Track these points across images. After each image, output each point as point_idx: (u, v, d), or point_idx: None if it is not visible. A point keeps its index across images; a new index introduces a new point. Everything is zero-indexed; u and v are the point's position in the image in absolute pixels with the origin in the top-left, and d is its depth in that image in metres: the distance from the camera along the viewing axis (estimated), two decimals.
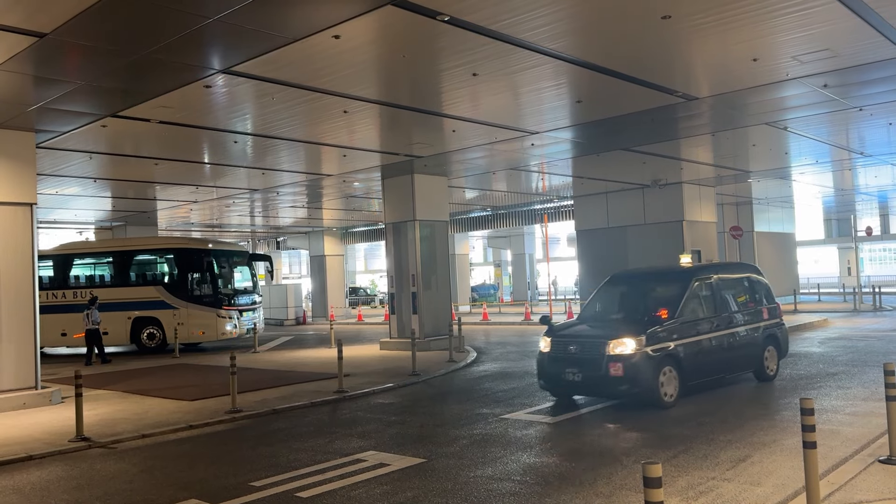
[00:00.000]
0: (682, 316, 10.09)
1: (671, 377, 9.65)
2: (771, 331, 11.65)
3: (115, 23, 7.62)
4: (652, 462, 3.61)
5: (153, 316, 20.97)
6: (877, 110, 13.97)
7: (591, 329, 10.51)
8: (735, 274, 11.97)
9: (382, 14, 7.78)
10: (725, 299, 11.12)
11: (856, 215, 37.49)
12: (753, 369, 11.40)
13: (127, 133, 13.13)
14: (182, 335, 20.66)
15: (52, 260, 22.27)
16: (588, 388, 9.86)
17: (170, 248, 22.12)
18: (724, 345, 10.62)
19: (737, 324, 10.98)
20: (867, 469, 6.20)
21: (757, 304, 11.66)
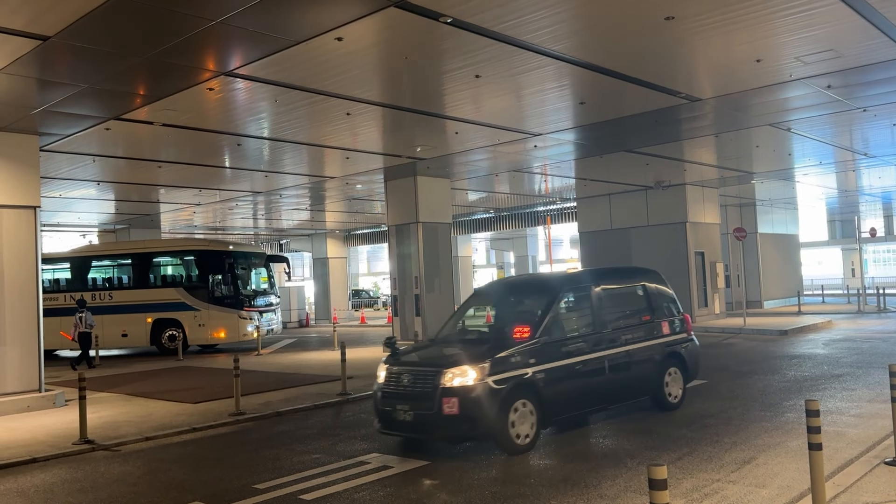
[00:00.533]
0: (547, 335, 8.19)
1: (525, 413, 7.71)
2: (674, 348, 9.74)
3: (119, 26, 7.64)
4: (657, 464, 3.60)
5: (174, 318, 20.95)
6: (881, 111, 13.94)
7: (433, 354, 8.62)
8: (625, 282, 10.13)
9: (385, 16, 7.79)
10: (610, 312, 9.25)
11: (859, 216, 37.40)
12: (651, 395, 9.48)
13: (130, 136, 13.16)
14: (203, 336, 20.79)
15: (69, 262, 22.28)
16: (420, 429, 7.77)
17: (190, 250, 22.14)
18: (607, 368, 8.67)
19: (625, 342, 9.08)
20: (873, 471, 6.17)
21: (655, 316, 9.70)
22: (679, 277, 23.24)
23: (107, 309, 21.00)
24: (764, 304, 29.51)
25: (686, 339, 10.05)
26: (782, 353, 15.51)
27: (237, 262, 21.41)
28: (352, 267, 47.80)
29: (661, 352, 9.53)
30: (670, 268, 23.33)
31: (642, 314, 9.67)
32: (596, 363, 8.57)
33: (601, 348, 8.69)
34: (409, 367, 8.17)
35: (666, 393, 9.52)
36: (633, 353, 9.15)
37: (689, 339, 10.13)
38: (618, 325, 9.22)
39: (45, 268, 22.46)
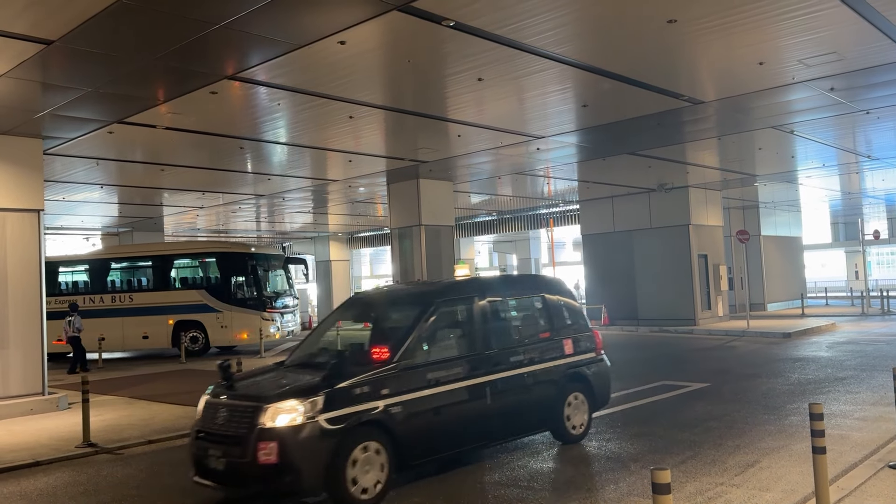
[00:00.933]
0: (410, 357, 6.73)
1: (372, 459, 6.18)
2: (578, 370, 8.30)
3: (122, 30, 7.65)
4: (660, 468, 3.59)
5: (196, 319, 20.94)
6: (884, 113, 13.92)
7: (264, 384, 6.93)
8: (519, 293, 8.72)
9: (388, 20, 7.80)
10: (498, 329, 7.87)
11: (863, 219, 37.32)
12: (548, 427, 8.05)
13: (133, 139, 13.18)
14: (225, 338, 20.86)
15: (89, 264, 22.33)
16: (233, 480, 6.22)
17: (212, 252, 22.20)
18: (489, 396, 7.18)
19: (515, 364, 7.61)
20: (877, 474, 6.16)
21: (556, 333, 8.28)
22: (682, 280, 23.24)
23: (128, 311, 21.11)
24: (767, 306, 29.44)
25: (594, 359, 8.61)
26: (786, 355, 15.48)
27: (259, 264, 21.42)
28: (354, 270, 47.80)
29: (562, 374, 8.09)
30: (673, 270, 23.40)
31: (539, 330, 8.30)
32: (474, 391, 7.09)
33: (482, 373, 7.22)
34: (228, 401, 6.50)
35: (566, 423, 8.05)
36: (525, 378, 7.69)
37: (598, 358, 8.70)
38: (507, 343, 7.76)
39: (64, 270, 22.59)
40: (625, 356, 16.95)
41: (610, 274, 25.31)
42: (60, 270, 22.53)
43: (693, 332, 21.61)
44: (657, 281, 23.90)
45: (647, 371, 13.97)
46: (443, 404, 6.83)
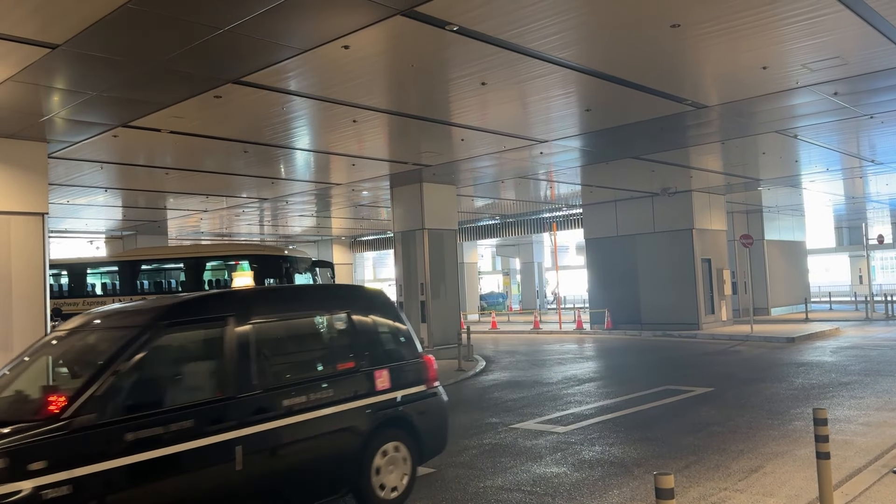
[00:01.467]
0: (94, 410, 4.58)
1: None
2: (397, 411, 6.36)
3: (127, 34, 7.68)
4: (664, 473, 3.58)
5: None
6: (888, 118, 13.91)
7: None
8: (306, 311, 6.43)
9: (392, 24, 7.81)
10: (263, 362, 5.63)
11: (867, 223, 37.25)
12: (348, 488, 5.98)
13: (138, 143, 13.22)
14: None
15: (118, 266, 22.35)
16: None
17: (246, 255, 22.07)
18: (237, 461, 5.10)
19: (287, 409, 5.49)
20: (881, 480, 6.14)
21: (364, 362, 6.25)
22: (685, 284, 23.22)
23: None
24: (771, 311, 29.40)
25: (422, 394, 6.70)
26: (789, 360, 15.44)
27: (293, 267, 21.34)
28: (357, 273, 47.86)
29: (370, 418, 6.06)
30: (677, 275, 23.38)
31: (338, 360, 6.29)
32: (212, 454, 4.99)
33: (231, 426, 5.12)
34: None
35: (374, 484, 6.01)
36: (306, 426, 5.57)
37: (429, 393, 6.81)
38: (279, 381, 5.68)
39: (92, 272, 22.64)
40: (628, 360, 16.93)
41: (613, 278, 25.30)
42: (89, 272, 22.63)
43: (696, 337, 21.58)
44: (660, 285, 23.88)
45: (650, 375, 13.95)
46: (146, 480, 4.64)
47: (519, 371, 15.64)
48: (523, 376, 14.72)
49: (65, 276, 22.64)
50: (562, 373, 14.93)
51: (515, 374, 15.06)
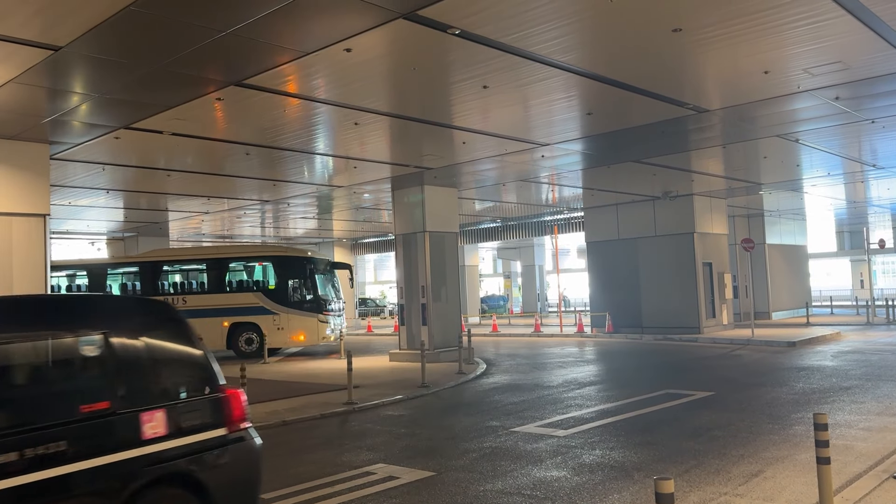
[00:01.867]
0: None
1: None
2: (175, 465, 4.72)
3: (129, 37, 7.70)
4: (664, 477, 3.58)
5: (252, 321, 21.34)
6: (889, 122, 13.91)
7: None
8: (41, 329, 4.54)
9: (394, 28, 7.83)
10: None
11: (868, 227, 37.24)
12: None
13: (140, 145, 13.25)
14: (282, 340, 21.31)
15: (139, 266, 22.50)
16: None
17: (269, 256, 22.69)
18: None
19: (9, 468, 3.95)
20: (881, 485, 6.13)
21: (125, 402, 4.62)
22: (687, 288, 23.21)
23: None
24: (772, 315, 29.38)
25: (220, 440, 5.06)
26: (790, 364, 15.43)
27: (315, 268, 21.85)
28: (358, 275, 47.92)
29: (130, 479, 4.47)
30: (678, 278, 23.37)
31: (84, 399, 4.52)
32: None
33: None
34: None
35: None
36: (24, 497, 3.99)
37: (232, 438, 5.14)
38: None
39: (112, 272, 22.72)
40: (629, 364, 16.92)
41: (614, 281, 25.29)
42: (109, 273, 22.69)
43: (697, 341, 21.56)
44: (662, 289, 23.87)
45: (651, 379, 13.94)
46: None
47: (519, 374, 15.64)
48: (524, 379, 14.71)
49: (83, 277, 22.63)
50: (562, 376, 14.93)
51: (516, 378, 15.06)
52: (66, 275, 23.03)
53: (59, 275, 22.74)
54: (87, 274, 22.60)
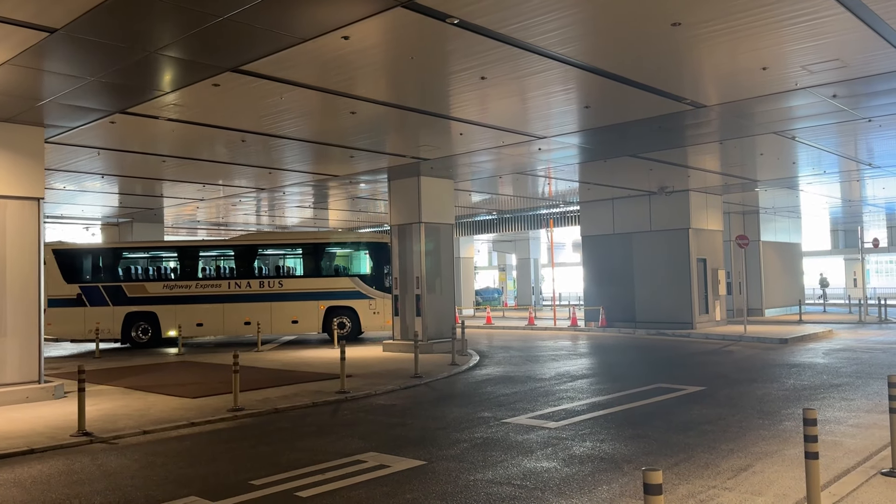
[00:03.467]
0: None
1: None
2: None
3: (126, 20, 7.65)
4: (652, 469, 3.60)
5: (348, 305, 21.90)
6: (886, 122, 13.93)
7: None
8: None
9: (392, 16, 7.80)
10: None
11: (863, 227, 37.35)
12: None
13: (135, 130, 13.19)
14: (377, 324, 21.89)
15: (234, 250, 22.57)
16: None
17: (366, 242, 23.05)
18: None
19: None
20: (869, 481, 6.17)
21: None
22: (681, 284, 23.26)
23: (276, 296, 21.80)
24: (765, 311, 29.47)
25: None
26: (782, 361, 15.50)
27: None
28: None
29: None
30: (672, 274, 23.42)
31: None
32: None
33: None
34: None
35: None
36: None
37: None
38: None
39: (205, 254, 22.77)
40: (621, 358, 16.97)
41: (609, 276, 25.34)
42: (201, 255, 22.77)
43: (690, 336, 21.63)
44: (656, 284, 23.93)
45: (643, 373, 13.99)
46: None
47: (512, 366, 15.67)
48: (516, 371, 14.74)
49: (174, 260, 22.63)
50: (555, 369, 14.97)
51: (509, 370, 15.09)
52: (157, 256, 23.12)
53: (149, 256, 22.82)
54: (178, 255, 22.63)
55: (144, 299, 21.74)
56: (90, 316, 21.53)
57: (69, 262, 21.98)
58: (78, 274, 21.99)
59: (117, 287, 21.79)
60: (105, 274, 22.13)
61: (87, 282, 21.90)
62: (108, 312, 21.64)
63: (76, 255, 22.33)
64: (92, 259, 22.49)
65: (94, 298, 21.68)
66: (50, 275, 21.42)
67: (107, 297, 21.69)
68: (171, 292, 21.77)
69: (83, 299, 21.63)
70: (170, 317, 21.54)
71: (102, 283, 21.90)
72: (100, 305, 21.64)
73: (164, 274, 22.30)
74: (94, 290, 21.79)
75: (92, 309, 21.59)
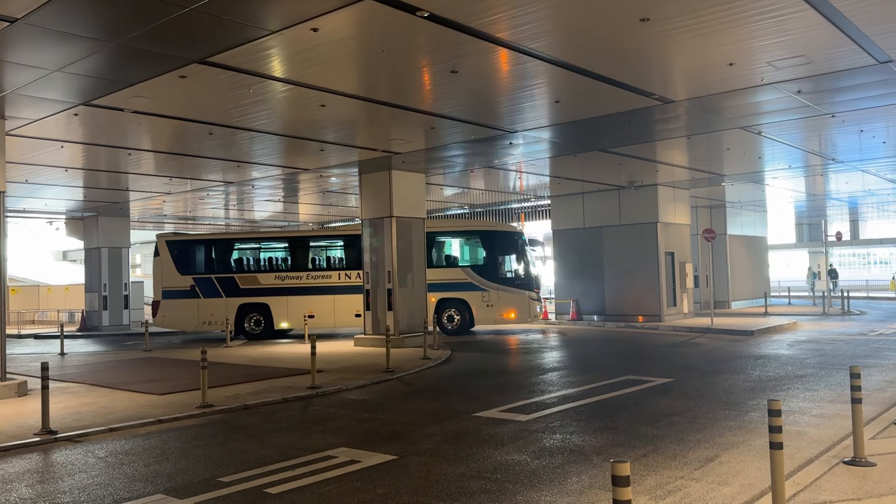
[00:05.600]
0: None
1: None
2: None
3: (90, 10, 7.50)
4: (620, 460, 3.63)
5: (460, 297, 21.15)
6: (849, 117, 14.20)
7: None
8: None
9: (362, 8, 7.75)
10: None
11: (827, 220, 38.09)
12: None
13: (99, 122, 12.94)
14: (490, 317, 21.10)
15: (343, 240, 22.13)
16: None
17: (478, 231, 22.31)
18: None
19: None
20: (832, 470, 6.30)
21: None
22: (649, 277, 23.53)
23: None
24: (731, 304, 29.93)
25: None
26: (748, 353, 15.75)
27: (524, 244, 21.62)
28: None
29: None
30: (641, 267, 23.67)
31: None
32: None
33: None
34: None
35: None
36: None
37: None
38: None
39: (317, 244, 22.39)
40: (591, 351, 17.12)
41: (579, 269, 25.54)
42: (312, 245, 22.37)
43: (658, 329, 21.89)
44: (625, 277, 24.19)
45: (612, 365, 14.12)
46: None
47: (484, 360, 15.72)
48: (488, 365, 14.78)
49: (285, 250, 22.17)
50: (526, 362, 15.04)
51: (480, 363, 15.13)
52: (269, 246, 22.71)
53: (261, 246, 22.49)
54: (289, 246, 22.20)
55: (257, 290, 21.38)
56: (203, 307, 21.29)
57: (183, 253, 21.68)
58: (191, 265, 21.68)
59: (230, 278, 21.40)
60: (218, 265, 21.78)
61: (200, 273, 21.60)
62: (220, 304, 21.31)
63: (189, 246, 22.02)
64: (205, 250, 22.15)
65: (208, 290, 21.38)
66: (165, 266, 21.29)
67: (220, 289, 21.33)
68: (283, 283, 21.42)
69: (196, 291, 21.33)
70: (282, 308, 21.19)
71: (215, 274, 21.55)
72: (213, 297, 21.35)
73: (276, 265, 21.96)
74: (207, 282, 21.51)
75: (205, 300, 21.34)
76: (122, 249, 27.99)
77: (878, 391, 10.53)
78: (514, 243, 21.62)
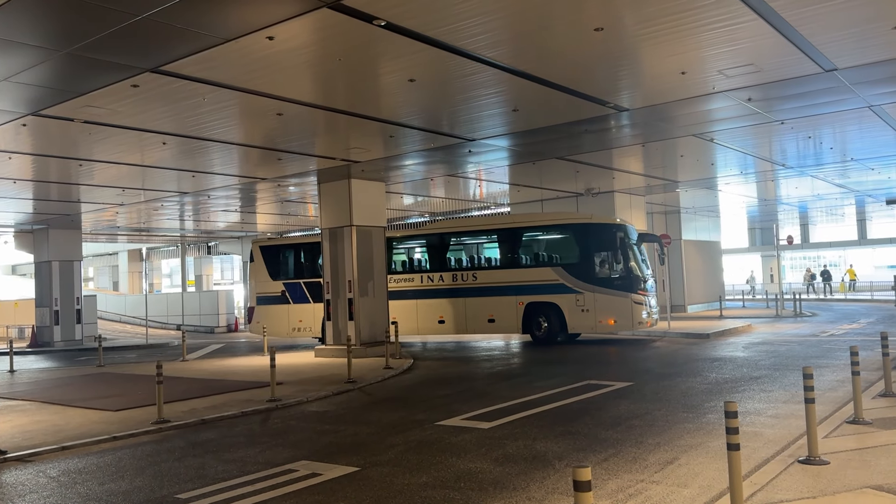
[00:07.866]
0: None
1: None
2: None
3: (38, 17, 7.31)
4: (582, 466, 3.65)
5: (551, 301, 18.87)
6: (797, 124, 14.60)
7: None
8: None
9: (318, 17, 7.71)
10: None
11: (778, 224, 39.07)
12: None
13: (49, 132, 12.61)
14: (587, 324, 18.66)
15: (425, 240, 21.09)
16: None
17: (571, 224, 19.57)
18: None
19: None
20: (787, 469, 6.43)
21: None
22: None
23: (470, 291, 19.73)
24: (688, 308, 30.46)
25: None
26: (705, 355, 16.02)
27: (627, 238, 18.80)
28: None
29: None
30: None
31: None
32: None
33: None
34: None
35: None
36: None
37: None
38: None
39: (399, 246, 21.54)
40: (552, 356, 17.22)
41: None
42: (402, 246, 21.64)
43: (618, 333, 22.12)
44: None
45: (573, 370, 14.22)
46: None
47: (446, 368, 15.70)
48: (450, 373, 14.77)
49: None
50: (488, 369, 15.07)
51: (442, 371, 15.11)
52: None
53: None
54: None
55: None
56: (293, 313, 20.75)
57: (274, 258, 21.15)
58: (281, 270, 21.15)
59: (318, 283, 20.42)
60: (307, 271, 21.17)
61: (290, 278, 21.10)
62: (308, 310, 20.68)
63: (279, 251, 21.48)
64: (294, 255, 21.56)
65: (297, 295, 20.86)
66: (258, 272, 20.86)
67: (307, 294, 20.77)
68: None
69: (286, 296, 20.85)
70: None
71: (304, 279, 20.99)
72: (301, 302, 20.81)
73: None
74: (296, 287, 21.01)
75: (295, 306, 20.81)
76: (73, 262, 27.30)
77: (830, 391, 10.80)
78: (614, 237, 18.60)
